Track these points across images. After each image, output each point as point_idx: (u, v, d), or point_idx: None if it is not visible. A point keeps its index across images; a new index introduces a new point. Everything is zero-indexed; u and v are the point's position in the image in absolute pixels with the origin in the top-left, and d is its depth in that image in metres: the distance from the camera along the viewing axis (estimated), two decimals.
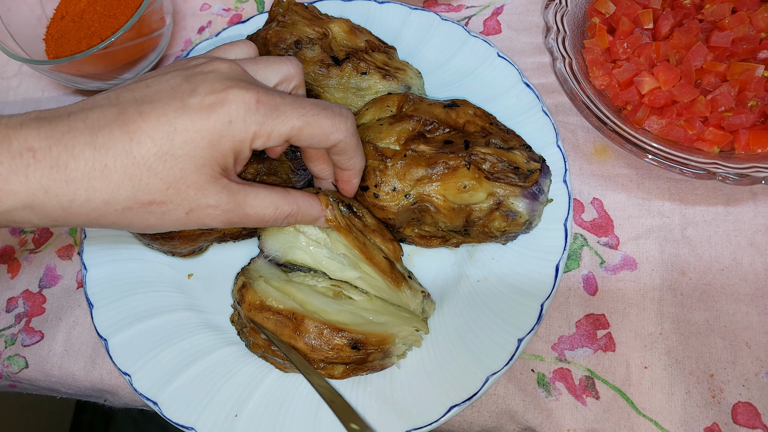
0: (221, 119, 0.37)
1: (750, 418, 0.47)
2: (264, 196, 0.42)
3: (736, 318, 0.50)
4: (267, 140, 0.39)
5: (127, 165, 0.35)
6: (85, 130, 0.35)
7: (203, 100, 0.37)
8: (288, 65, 0.44)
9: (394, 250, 0.50)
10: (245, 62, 0.42)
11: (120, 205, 0.36)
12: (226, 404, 0.51)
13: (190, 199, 0.38)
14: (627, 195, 0.55)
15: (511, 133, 0.52)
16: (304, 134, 0.40)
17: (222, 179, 0.39)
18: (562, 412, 0.49)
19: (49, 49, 0.69)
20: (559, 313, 0.53)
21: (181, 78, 0.38)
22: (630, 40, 0.53)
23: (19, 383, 0.61)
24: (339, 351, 0.46)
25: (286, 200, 0.43)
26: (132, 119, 0.36)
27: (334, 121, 0.41)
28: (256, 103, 0.38)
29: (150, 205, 0.37)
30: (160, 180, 0.36)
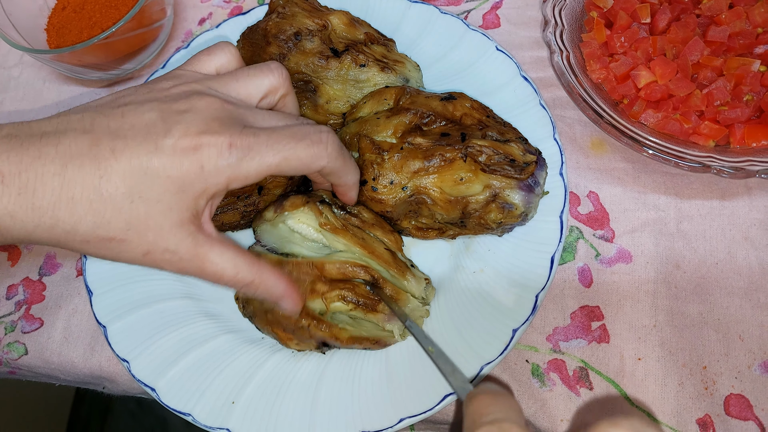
0: (193, 166, 0.37)
1: (742, 410, 0.48)
2: (228, 256, 0.40)
3: (730, 311, 0.51)
4: (245, 181, 0.39)
5: (93, 200, 0.35)
6: (56, 157, 0.35)
7: (176, 143, 0.36)
8: (271, 76, 0.43)
9: (395, 240, 0.51)
10: (227, 80, 0.42)
11: (80, 236, 0.36)
12: (224, 391, 0.51)
13: (149, 242, 0.37)
14: (623, 188, 0.56)
15: (508, 125, 0.52)
16: (284, 168, 0.39)
17: (189, 226, 0.38)
18: (556, 402, 0.50)
19: (50, 39, 0.70)
20: (554, 305, 0.53)
21: (156, 115, 0.38)
22: (627, 34, 0.53)
23: (18, 370, 0.62)
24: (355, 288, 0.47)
25: (250, 268, 0.41)
26: (104, 156, 0.35)
27: (312, 150, 0.40)
28: (229, 147, 0.37)
29: (109, 241, 0.37)
30: (123, 219, 0.36)
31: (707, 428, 0.48)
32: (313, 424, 0.49)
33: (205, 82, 0.41)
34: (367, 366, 0.51)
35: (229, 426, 0.50)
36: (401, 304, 0.48)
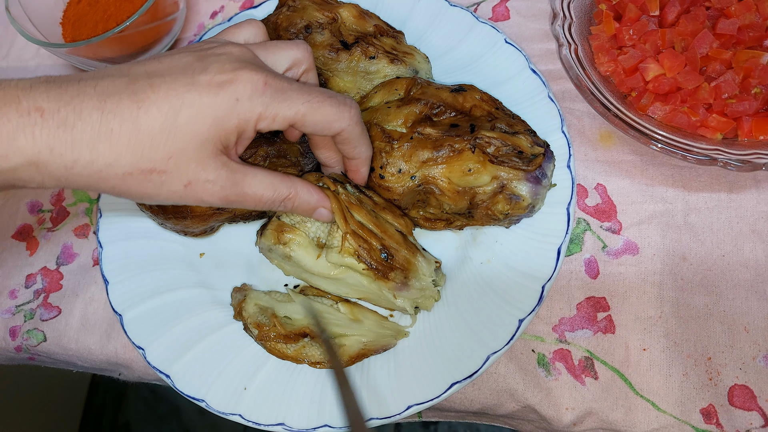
0: (228, 98, 0.38)
1: (746, 400, 0.48)
2: (263, 177, 0.42)
3: (736, 303, 0.51)
4: (272, 123, 0.40)
5: (132, 132, 0.36)
6: (94, 95, 0.36)
7: (213, 78, 0.38)
8: (297, 50, 0.44)
9: (406, 224, 0.51)
10: (255, 47, 0.43)
11: (121, 170, 0.37)
12: (236, 377, 0.53)
13: (189, 172, 0.39)
14: (631, 181, 0.56)
15: (517, 118, 0.53)
16: (308, 120, 0.41)
17: (222, 156, 0.40)
18: (561, 392, 0.51)
19: (65, 32, 0.71)
20: (561, 296, 0.54)
21: (193, 57, 0.39)
22: (636, 27, 0.53)
23: (37, 356, 0.64)
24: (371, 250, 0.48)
25: (284, 183, 0.44)
26: (142, 89, 0.37)
27: (338, 109, 0.42)
28: (264, 85, 0.39)
29: (150, 173, 0.38)
30: (163, 150, 0.37)
31: (711, 418, 0.48)
32: (323, 410, 0.51)
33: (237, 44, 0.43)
34: (375, 356, 0.52)
35: (241, 411, 0.51)
36: (411, 276, 0.49)
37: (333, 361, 0.46)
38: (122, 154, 0.36)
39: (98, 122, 0.36)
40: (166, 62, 0.39)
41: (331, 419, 0.50)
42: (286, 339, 0.51)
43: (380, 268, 0.48)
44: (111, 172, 0.37)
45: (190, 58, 0.39)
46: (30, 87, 0.36)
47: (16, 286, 0.64)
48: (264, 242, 0.50)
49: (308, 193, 0.45)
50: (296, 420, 0.51)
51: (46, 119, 0.35)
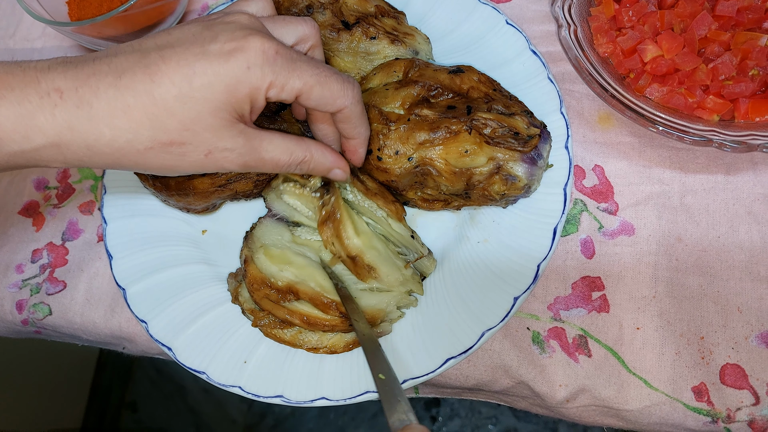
0: (240, 65, 0.38)
1: (737, 379, 0.49)
2: (279, 141, 0.43)
3: (730, 284, 0.52)
4: (280, 92, 0.40)
5: (147, 105, 0.37)
6: (109, 72, 0.37)
7: (223, 46, 0.38)
8: (304, 26, 0.45)
9: (396, 210, 0.52)
10: (263, 19, 0.43)
11: (142, 144, 0.38)
12: (236, 351, 0.54)
13: (207, 141, 0.39)
14: (628, 162, 0.56)
15: (514, 99, 0.53)
16: (315, 93, 0.41)
17: (238, 124, 0.40)
18: (555, 369, 0.52)
19: (71, 11, 0.72)
20: (557, 275, 0.54)
21: (202, 27, 0.40)
22: (636, 8, 0.53)
23: (43, 329, 0.65)
24: (333, 325, 0.50)
25: (300, 146, 0.44)
26: (154, 62, 0.37)
27: (343, 86, 0.42)
28: (275, 54, 0.39)
29: (170, 145, 0.38)
30: (178, 121, 0.38)
31: (702, 396, 0.49)
32: (320, 383, 0.52)
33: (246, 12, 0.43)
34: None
35: (240, 384, 0.53)
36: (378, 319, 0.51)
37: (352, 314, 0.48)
38: (141, 128, 0.37)
39: (114, 98, 0.36)
40: (176, 34, 0.39)
41: (327, 392, 0.51)
42: (282, 324, 0.52)
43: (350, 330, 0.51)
44: (132, 148, 0.38)
45: (198, 27, 0.40)
46: (48, 68, 0.36)
47: (22, 260, 0.65)
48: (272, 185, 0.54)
49: (323, 155, 0.46)
50: (294, 393, 0.52)
51: (65, 99, 0.36)
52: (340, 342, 0.52)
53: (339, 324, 0.50)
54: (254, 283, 0.51)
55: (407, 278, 0.51)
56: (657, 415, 0.50)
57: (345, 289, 0.50)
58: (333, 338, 0.52)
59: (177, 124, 0.38)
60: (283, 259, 0.51)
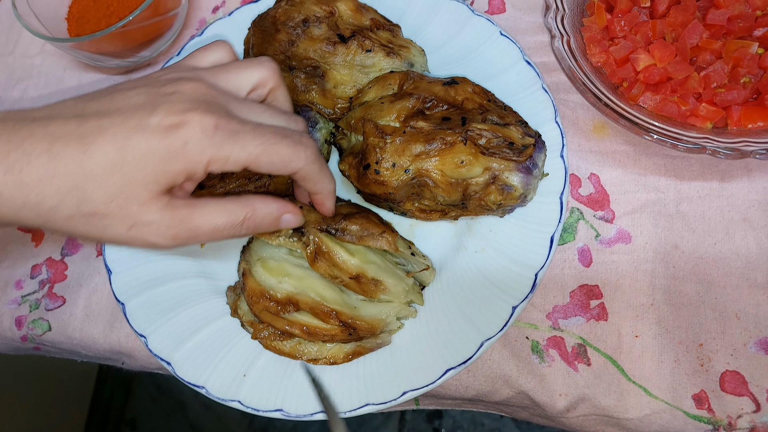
0: (177, 141, 0.37)
1: (737, 386, 0.49)
2: (213, 205, 0.40)
3: (727, 290, 0.52)
4: (224, 164, 0.39)
5: (77, 175, 0.36)
6: (44, 137, 0.36)
7: (162, 120, 0.37)
8: (259, 69, 0.44)
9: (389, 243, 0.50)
10: (217, 70, 0.43)
11: (65, 213, 0.37)
12: (235, 365, 0.54)
13: (131, 214, 0.38)
14: (623, 171, 0.57)
15: (508, 109, 0.54)
16: (263, 161, 0.40)
17: (165, 197, 0.39)
18: (555, 378, 0.52)
19: (70, 28, 0.72)
20: (554, 284, 0.54)
21: (144, 97, 0.39)
22: (628, 18, 0.54)
23: (42, 346, 0.65)
24: (333, 335, 0.50)
25: (238, 203, 0.41)
26: (90, 132, 0.37)
27: (294, 149, 0.41)
28: (214, 128, 0.38)
29: (92, 216, 0.37)
30: (105, 193, 0.37)
31: (702, 403, 0.49)
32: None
33: (195, 72, 0.42)
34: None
35: (240, 398, 0.53)
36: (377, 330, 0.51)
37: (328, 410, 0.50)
38: (66, 197, 0.36)
39: (45, 165, 0.36)
40: (118, 101, 0.39)
41: None
42: (281, 336, 0.52)
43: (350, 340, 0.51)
44: (55, 215, 0.37)
45: (141, 98, 0.39)
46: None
47: (21, 276, 0.66)
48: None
49: (267, 206, 0.43)
50: (294, 406, 0.52)
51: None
52: (340, 353, 0.52)
53: (339, 333, 0.50)
54: (253, 296, 0.51)
55: (410, 288, 0.52)
56: (658, 424, 0.49)
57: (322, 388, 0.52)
58: (333, 349, 0.52)
59: (103, 195, 0.37)
60: (281, 271, 0.51)
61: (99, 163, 0.36)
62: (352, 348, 0.52)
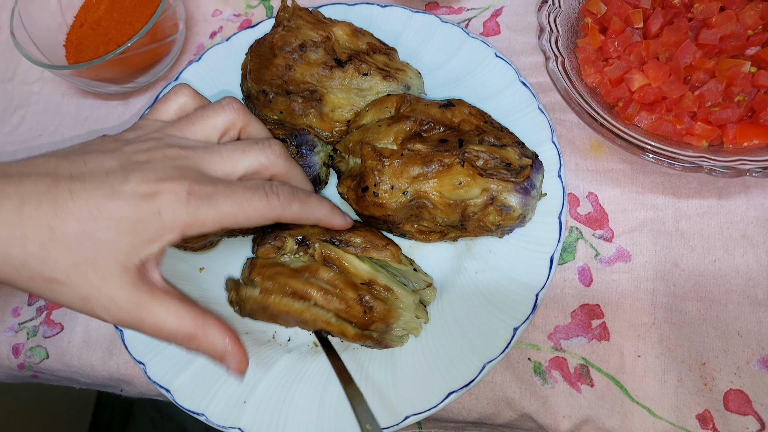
0: (150, 210, 0.37)
1: (741, 405, 0.49)
2: (173, 306, 0.39)
3: (728, 308, 0.51)
4: (201, 228, 0.39)
5: (45, 239, 0.35)
6: (14, 196, 0.35)
7: (135, 189, 0.37)
8: (223, 114, 0.44)
9: (392, 255, 0.51)
10: (184, 125, 0.43)
11: (27, 274, 0.36)
12: (235, 391, 0.53)
13: (90, 285, 0.37)
14: (621, 189, 0.57)
15: (505, 130, 0.54)
16: (240, 219, 0.40)
17: (131, 273, 0.38)
18: (558, 400, 0.51)
19: (69, 54, 0.73)
20: (555, 304, 0.54)
21: (116, 163, 0.39)
22: (621, 39, 0.55)
23: (40, 373, 0.64)
24: (348, 306, 0.47)
25: (195, 320, 0.40)
26: (62, 196, 0.36)
27: (267, 201, 0.41)
28: (187, 195, 0.38)
29: (51, 282, 0.37)
30: (70, 259, 0.36)
31: (707, 423, 0.49)
32: (321, 422, 0.51)
33: (164, 130, 0.43)
34: (373, 365, 0.53)
35: (240, 425, 0.52)
36: (391, 320, 0.49)
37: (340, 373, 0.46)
38: (30, 258, 0.36)
39: (14, 225, 0.35)
40: (91, 164, 0.38)
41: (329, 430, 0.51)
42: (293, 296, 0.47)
43: (360, 323, 0.48)
44: (18, 276, 0.36)
45: (114, 163, 0.39)
46: None
47: (19, 303, 0.65)
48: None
49: (219, 340, 0.41)
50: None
51: None
52: (350, 328, 0.48)
53: (354, 307, 0.47)
54: (265, 265, 0.48)
55: (416, 304, 0.51)
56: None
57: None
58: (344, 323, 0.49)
59: (67, 261, 0.36)
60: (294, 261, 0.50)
61: (70, 228, 0.36)
62: (361, 332, 0.49)
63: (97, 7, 0.74)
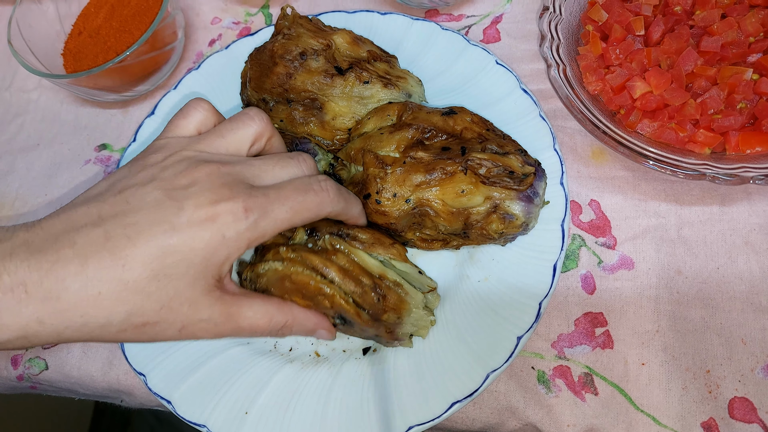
0: (215, 236, 0.37)
1: (746, 412, 0.48)
2: (259, 306, 0.41)
3: (732, 315, 0.51)
4: (262, 239, 0.40)
5: (120, 291, 0.35)
6: (74, 258, 0.35)
7: (191, 217, 0.37)
8: (253, 126, 0.44)
9: (398, 253, 0.51)
10: (213, 140, 0.42)
11: (115, 328, 0.36)
12: (237, 402, 0.53)
13: (183, 315, 0.38)
14: (624, 196, 0.57)
15: (507, 138, 0.54)
16: (296, 220, 0.41)
17: (215, 291, 0.39)
18: (562, 408, 0.51)
19: (67, 63, 0.73)
20: (559, 312, 0.54)
21: (161, 193, 0.38)
22: (622, 47, 0.55)
23: (39, 385, 0.64)
24: (363, 290, 0.47)
25: (281, 311, 0.43)
26: (120, 245, 0.35)
27: (318, 198, 0.42)
28: (245, 212, 0.38)
29: (144, 326, 0.37)
30: (154, 301, 0.36)
31: (712, 431, 0.48)
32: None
33: (192, 147, 0.41)
34: (374, 375, 0.52)
35: None
36: (403, 311, 0.49)
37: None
38: (113, 314, 0.36)
39: (83, 288, 0.35)
40: (134, 201, 0.37)
41: None
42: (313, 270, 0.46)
43: (373, 311, 0.47)
44: (105, 331, 0.36)
45: (158, 194, 0.38)
46: (10, 255, 0.34)
47: None
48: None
49: (306, 319, 0.45)
50: None
51: (30, 294, 0.34)
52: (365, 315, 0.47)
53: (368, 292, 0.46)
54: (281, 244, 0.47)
55: (424, 304, 0.51)
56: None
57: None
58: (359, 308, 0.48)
59: (153, 304, 0.36)
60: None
61: (140, 275, 0.36)
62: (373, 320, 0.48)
63: (95, 16, 0.74)
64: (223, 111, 0.67)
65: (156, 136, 0.66)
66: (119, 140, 0.73)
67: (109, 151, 0.73)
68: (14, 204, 0.72)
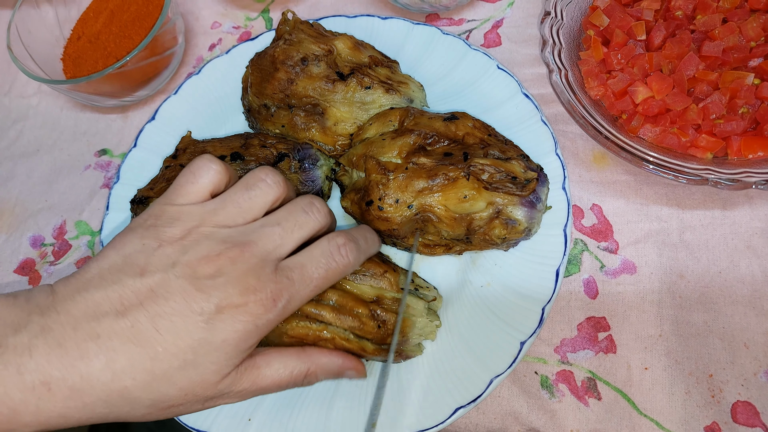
0: (247, 326, 0.37)
1: (749, 417, 0.48)
2: (276, 361, 0.42)
3: (734, 319, 0.51)
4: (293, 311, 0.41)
5: (149, 382, 0.35)
6: (99, 353, 0.34)
7: (222, 310, 0.37)
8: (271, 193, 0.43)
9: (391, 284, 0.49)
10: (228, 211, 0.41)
11: (140, 413, 0.36)
12: (240, 408, 0.53)
13: (207, 394, 0.38)
14: (626, 201, 0.57)
15: (509, 143, 0.54)
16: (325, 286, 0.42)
17: (240, 367, 0.40)
18: (566, 413, 0.51)
19: (66, 69, 0.72)
20: (561, 317, 0.54)
21: (187, 283, 0.37)
22: (624, 52, 0.55)
23: None
24: (362, 322, 0.47)
25: (300, 359, 0.43)
26: (150, 337, 0.35)
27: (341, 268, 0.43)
28: (273, 302, 0.38)
29: (169, 408, 0.37)
30: (179, 389, 0.36)
31: None
32: None
33: (210, 221, 0.40)
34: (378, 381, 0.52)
35: None
36: (406, 330, 0.49)
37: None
38: (138, 403, 0.36)
39: (111, 382, 0.34)
40: (159, 291, 0.36)
41: None
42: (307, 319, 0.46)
43: (377, 338, 0.47)
44: (129, 416, 0.36)
45: (183, 283, 0.37)
46: (29, 351, 0.33)
47: None
48: None
49: (330, 362, 0.45)
50: None
51: (53, 393, 0.33)
52: (369, 345, 0.48)
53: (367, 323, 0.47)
54: None
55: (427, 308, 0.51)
56: None
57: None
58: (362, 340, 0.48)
59: (177, 392, 0.37)
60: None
61: (170, 365, 0.36)
62: (379, 347, 0.49)
63: (95, 21, 0.73)
64: (223, 116, 0.67)
65: (156, 140, 0.66)
66: (119, 146, 0.73)
67: (109, 156, 0.73)
68: (15, 210, 0.72)
